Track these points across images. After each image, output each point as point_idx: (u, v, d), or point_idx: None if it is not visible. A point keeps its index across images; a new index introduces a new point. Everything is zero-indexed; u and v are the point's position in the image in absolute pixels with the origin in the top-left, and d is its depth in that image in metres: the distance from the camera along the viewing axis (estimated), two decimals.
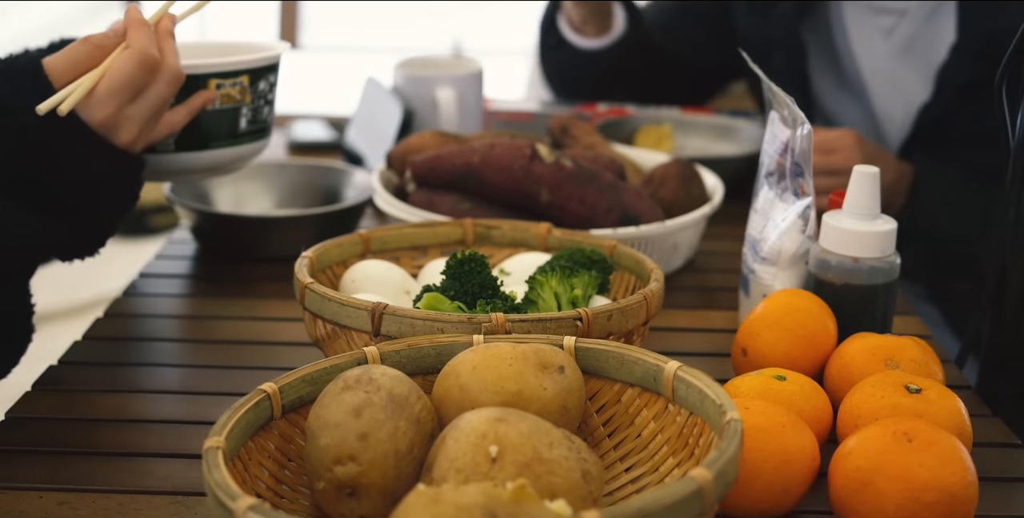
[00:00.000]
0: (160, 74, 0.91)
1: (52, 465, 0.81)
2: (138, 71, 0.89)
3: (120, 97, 0.89)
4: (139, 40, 0.90)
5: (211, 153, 1.04)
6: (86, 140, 0.88)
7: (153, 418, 0.89)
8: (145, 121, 0.91)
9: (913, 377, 0.81)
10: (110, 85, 0.88)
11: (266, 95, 1.07)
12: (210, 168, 1.06)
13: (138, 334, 1.06)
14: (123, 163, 0.91)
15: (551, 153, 1.11)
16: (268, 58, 1.06)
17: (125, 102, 0.89)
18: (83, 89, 0.87)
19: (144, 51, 0.90)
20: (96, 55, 0.89)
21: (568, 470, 0.64)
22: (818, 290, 0.93)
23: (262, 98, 1.07)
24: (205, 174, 1.08)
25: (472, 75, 1.48)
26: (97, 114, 0.88)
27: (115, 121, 0.89)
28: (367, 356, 0.76)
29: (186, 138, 1.03)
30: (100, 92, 0.88)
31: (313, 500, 0.70)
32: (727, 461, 0.61)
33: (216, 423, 0.66)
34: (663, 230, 1.11)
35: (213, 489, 0.61)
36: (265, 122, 1.09)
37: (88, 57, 0.89)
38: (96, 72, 0.88)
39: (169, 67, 0.92)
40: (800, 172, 0.95)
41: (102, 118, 0.88)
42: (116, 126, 0.90)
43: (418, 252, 1.02)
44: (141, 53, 0.89)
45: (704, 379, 0.70)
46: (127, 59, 0.89)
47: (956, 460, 0.70)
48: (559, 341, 0.77)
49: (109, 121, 0.89)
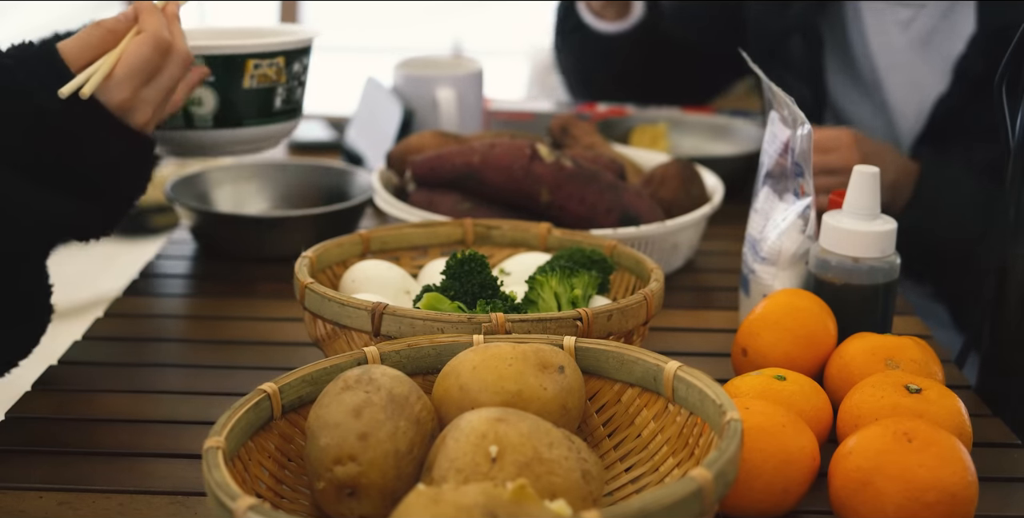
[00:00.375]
0: (172, 57, 0.93)
1: (52, 465, 0.81)
2: (153, 54, 0.91)
3: (136, 80, 0.91)
4: (152, 24, 0.92)
5: (247, 130, 1.09)
6: (104, 122, 0.90)
7: (153, 418, 0.89)
8: (159, 103, 0.93)
9: (913, 377, 0.81)
10: (128, 68, 0.90)
11: (300, 76, 1.12)
12: (246, 143, 1.11)
13: (138, 334, 1.06)
14: (138, 145, 0.93)
15: (551, 153, 1.11)
16: (302, 41, 1.11)
17: (141, 85, 0.91)
18: (102, 72, 0.89)
19: (158, 35, 0.92)
20: (109, 39, 0.91)
21: (568, 470, 0.64)
22: (818, 290, 0.93)
23: (296, 79, 1.11)
24: (241, 149, 1.12)
25: (472, 75, 1.48)
26: (115, 97, 0.90)
27: (132, 103, 0.91)
28: (367, 356, 0.76)
29: (224, 115, 1.07)
30: (118, 75, 0.90)
31: (313, 500, 0.70)
32: (727, 461, 0.61)
33: (216, 423, 0.66)
34: (663, 230, 1.11)
35: (213, 489, 0.61)
36: (298, 103, 1.13)
37: (101, 41, 0.91)
38: (113, 55, 0.90)
39: (180, 50, 0.94)
40: (800, 172, 0.95)
41: (120, 100, 0.90)
42: (132, 108, 0.92)
43: (418, 252, 1.02)
44: (155, 36, 0.91)
45: (704, 379, 0.70)
46: (142, 43, 0.91)
47: (956, 460, 0.70)
48: (559, 341, 0.77)
49: (126, 103, 0.91)
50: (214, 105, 1.07)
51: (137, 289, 1.14)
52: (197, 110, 1.07)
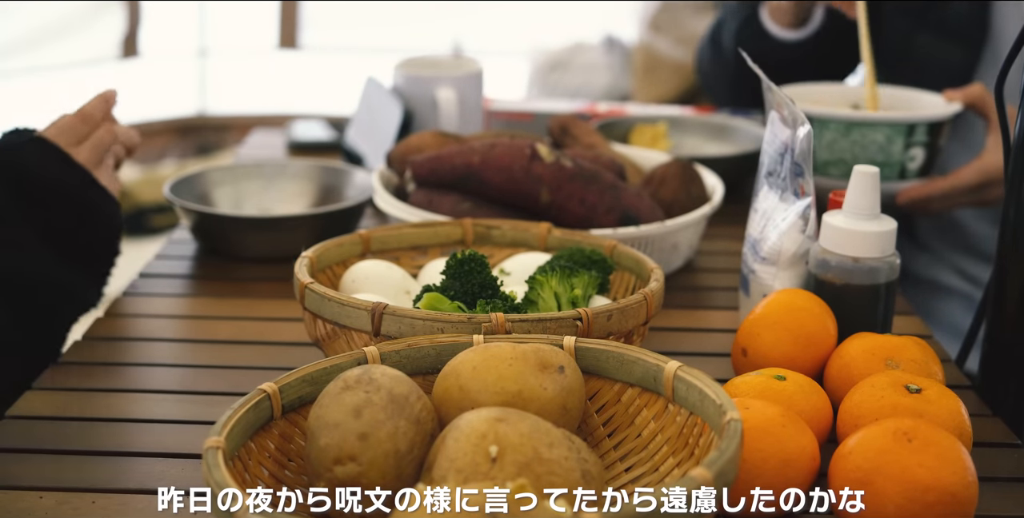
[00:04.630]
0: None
1: (52, 465, 0.81)
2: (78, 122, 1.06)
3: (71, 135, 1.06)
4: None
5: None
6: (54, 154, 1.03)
7: (153, 418, 0.89)
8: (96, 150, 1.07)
9: (913, 377, 0.81)
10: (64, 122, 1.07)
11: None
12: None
13: (138, 334, 1.06)
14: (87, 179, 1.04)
15: (551, 153, 1.11)
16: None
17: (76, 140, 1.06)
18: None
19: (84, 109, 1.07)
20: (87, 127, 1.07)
21: (568, 470, 0.64)
22: (818, 290, 0.93)
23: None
24: None
25: (472, 75, 1.48)
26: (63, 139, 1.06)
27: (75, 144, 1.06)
28: (367, 356, 0.76)
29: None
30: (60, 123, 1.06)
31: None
32: (727, 461, 0.61)
33: (216, 423, 0.66)
34: (663, 230, 1.11)
35: (213, 488, 0.61)
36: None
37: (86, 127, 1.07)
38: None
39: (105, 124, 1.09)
40: (800, 172, 0.95)
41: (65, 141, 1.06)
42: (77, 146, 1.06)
43: (418, 252, 1.02)
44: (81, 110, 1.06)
45: (704, 379, 0.70)
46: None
47: (956, 460, 0.70)
48: (559, 341, 0.77)
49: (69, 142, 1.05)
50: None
51: (137, 289, 1.14)
52: (911, 165, 1.25)
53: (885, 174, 1.26)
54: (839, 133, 1.27)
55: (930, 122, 1.26)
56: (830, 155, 1.28)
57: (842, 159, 1.27)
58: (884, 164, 1.26)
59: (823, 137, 1.28)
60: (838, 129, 1.27)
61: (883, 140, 1.25)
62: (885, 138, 1.25)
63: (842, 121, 1.26)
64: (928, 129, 1.26)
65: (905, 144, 1.26)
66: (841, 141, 1.27)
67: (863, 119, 1.26)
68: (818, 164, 1.29)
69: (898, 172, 1.27)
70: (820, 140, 1.28)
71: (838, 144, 1.27)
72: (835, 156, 1.28)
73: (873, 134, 1.26)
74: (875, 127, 1.25)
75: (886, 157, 1.26)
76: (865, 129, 1.26)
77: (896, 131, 1.25)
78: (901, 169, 1.27)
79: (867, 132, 1.26)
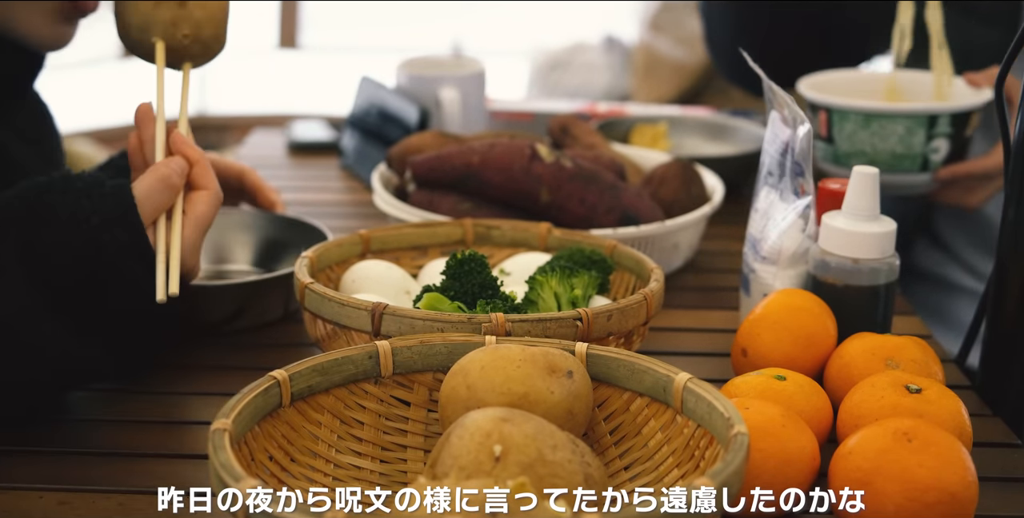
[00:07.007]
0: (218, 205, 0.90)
1: (52, 465, 0.81)
2: (215, 212, 0.88)
3: (202, 239, 0.88)
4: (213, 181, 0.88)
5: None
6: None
7: (153, 418, 0.89)
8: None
9: (913, 377, 0.81)
10: (200, 231, 0.87)
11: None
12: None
13: None
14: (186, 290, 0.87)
15: (551, 153, 1.11)
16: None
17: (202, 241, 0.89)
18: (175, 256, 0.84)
19: (219, 193, 0.89)
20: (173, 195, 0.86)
21: (571, 473, 0.64)
22: (818, 291, 0.93)
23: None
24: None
25: (475, 75, 1.48)
26: (189, 261, 0.86)
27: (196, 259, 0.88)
28: (379, 350, 0.76)
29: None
30: (193, 241, 0.86)
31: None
32: (731, 473, 0.61)
33: (224, 406, 0.67)
34: (663, 230, 1.11)
35: (217, 470, 0.61)
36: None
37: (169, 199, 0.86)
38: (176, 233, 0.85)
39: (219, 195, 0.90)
40: (800, 172, 0.95)
41: (192, 265, 0.87)
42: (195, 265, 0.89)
43: (418, 252, 1.02)
44: (218, 196, 0.88)
45: (713, 392, 0.70)
46: (209, 204, 0.87)
47: (956, 460, 0.70)
48: (571, 346, 0.77)
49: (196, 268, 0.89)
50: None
51: None
52: (934, 157, 1.23)
53: (907, 166, 1.25)
54: (859, 125, 1.25)
55: (953, 113, 1.24)
56: (850, 147, 1.26)
57: (862, 151, 1.25)
58: (905, 156, 1.24)
59: (843, 129, 1.26)
60: (857, 121, 1.25)
61: (903, 132, 1.23)
62: (905, 130, 1.23)
63: (861, 112, 1.24)
64: (951, 120, 1.23)
65: (927, 136, 1.23)
66: (861, 133, 1.25)
67: (883, 110, 1.24)
68: (840, 155, 1.27)
69: (920, 164, 1.25)
70: (841, 131, 1.26)
71: (858, 135, 1.25)
72: (855, 148, 1.26)
73: (893, 126, 1.23)
74: (895, 119, 1.23)
75: (907, 149, 1.24)
76: (884, 121, 1.23)
77: (917, 123, 1.23)
78: (924, 161, 1.25)
79: (886, 124, 1.23)
